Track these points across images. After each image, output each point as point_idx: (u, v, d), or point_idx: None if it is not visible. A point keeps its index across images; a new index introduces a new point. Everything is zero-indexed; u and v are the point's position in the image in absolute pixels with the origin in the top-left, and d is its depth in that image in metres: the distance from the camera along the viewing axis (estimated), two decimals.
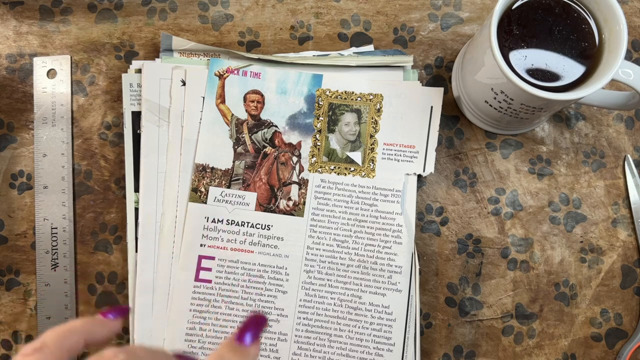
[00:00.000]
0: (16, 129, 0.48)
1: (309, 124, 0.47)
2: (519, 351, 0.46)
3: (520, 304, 0.46)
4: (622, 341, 0.47)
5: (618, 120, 0.48)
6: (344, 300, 0.45)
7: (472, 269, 0.47)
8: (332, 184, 0.46)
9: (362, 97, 0.47)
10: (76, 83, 0.48)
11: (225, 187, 0.46)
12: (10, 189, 0.47)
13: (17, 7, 0.49)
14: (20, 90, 0.48)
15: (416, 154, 0.46)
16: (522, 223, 0.47)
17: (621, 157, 0.48)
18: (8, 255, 0.47)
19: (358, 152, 0.46)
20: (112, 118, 0.48)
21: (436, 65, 0.48)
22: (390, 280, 0.45)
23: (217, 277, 0.45)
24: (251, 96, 0.47)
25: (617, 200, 0.47)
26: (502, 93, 0.40)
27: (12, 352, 0.46)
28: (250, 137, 0.47)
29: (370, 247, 0.45)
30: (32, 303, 0.47)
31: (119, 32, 0.49)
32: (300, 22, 0.49)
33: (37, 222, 0.47)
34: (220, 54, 0.47)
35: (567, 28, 0.40)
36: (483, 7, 0.49)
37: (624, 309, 0.47)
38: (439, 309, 0.46)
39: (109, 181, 0.47)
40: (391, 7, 0.49)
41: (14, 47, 0.48)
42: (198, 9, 0.49)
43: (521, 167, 0.48)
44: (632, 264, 0.47)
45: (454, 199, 0.47)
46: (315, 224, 0.46)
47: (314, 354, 0.45)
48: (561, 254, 0.47)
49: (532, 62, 0.40)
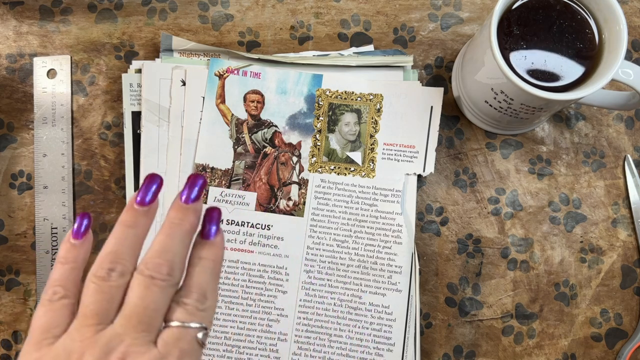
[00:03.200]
0: (16, 129, 0.48)
1: (309, 124, 0.47)
2: (519, 351, 0.46)
3: (520, 304, 0.46)
4: (622, 341, 0.47)
5: (618, 120, 0.48)
6: (344, 300, 0.45)
7: (472, 269, 0.47)
8: (332, 184, 0.46)
9: (362, 97, 0.47)
10: (76, 83, 0.48)
11: (225, 187, 0.46)
12: (10, 189, 0.47)
13: (17, 7, 0.49)
14: (20, 90, 0.48)
15: (416, 154, 0.46)
16: (522, 223, 0.47)
17: (621, 157, 0.48)
18: (8, 255, 0.47)
19: (358, 152, 0.46)
20: (112, 118, 0.48)
21: (436, 65, 0.48)
22: (390, 280, 0.45)
23: None
24: (251, 96, 0.47)
25: (617, 200, 0.47)
26: (502, 93, 0.40)
27: (12, 352, 0.46)
28: (250, 137, 0.47)
29: (370, 247, 0.45)
30: (32, 303, 0.47)
31: (119, 32, 0.49)
32: (300, 22, 0.49)
33: (37, 222, 0.47)
34: (220, 54, 0.47)
35: (567, 28, 0.40)
36: (483, 7, 0.49)
37: (624, 309, 0.47)
38: (439, 309, 0.46)
39: (109, 181, 0.47)
40: (391, 7, 0.49)
41: (14, 47, 0.48)
42: (198, 9, 0.49)
43: (521, 167, 0.48)
44: (632, 264, 0.47)
45: (454, 199, 0.47)
46: (315, 224, 0.46)
47: (314, 354, 0.45)
48: (561, 254, 0.47)
49: (532, 62, 0.40)
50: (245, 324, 0.45)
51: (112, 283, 0.28)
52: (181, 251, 0.29)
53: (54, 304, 0.28)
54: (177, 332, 0.27)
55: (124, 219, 0.29)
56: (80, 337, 0.26)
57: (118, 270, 0.28)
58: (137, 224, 0.29)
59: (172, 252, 0.28)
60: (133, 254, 0.29)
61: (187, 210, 0.29)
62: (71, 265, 0.29)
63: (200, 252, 0.30)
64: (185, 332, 0.27)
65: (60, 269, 0.29)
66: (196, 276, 0.29)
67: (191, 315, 0.28)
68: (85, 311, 0.27)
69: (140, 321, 0.27)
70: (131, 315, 0.27)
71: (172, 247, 0.29)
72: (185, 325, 0.27)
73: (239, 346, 0.44)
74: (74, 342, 0.26)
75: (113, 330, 0.27)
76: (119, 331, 0.27)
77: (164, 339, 0.27)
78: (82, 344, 0.26)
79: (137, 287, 0.28)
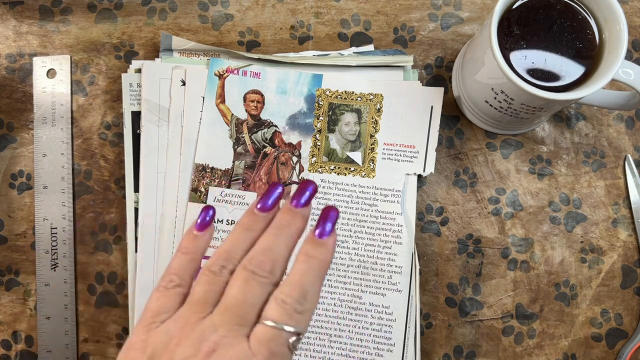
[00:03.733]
0: (16, 129, 0.48)
1: (309, 123, 0.47)
2: (519, 351, 0.46)
3: (521, 304, 0.46)
4: (623, 341, 0.47)
5: (618, 120, 0.48)
6: (344, 300, 0.45)
7: (473, 269, 0.47)
8: (332, 184, 0.46)
9: (362, 97, 0.47)
10: (76, 83, 0.48)
11: (225, 187, 0.46)
12: (10, 189, 0.47)
13: (17, 7, 0.49)
14: (20, 90, 0.48)
15: (416, 154, 0.46)
16: (522, 223, 0.47)
17: (621, 157, 0.48)
18: (8, 255, 0.47)
19: (358, 152, 0.46)
20: (112, 118, 0.48)
21: (436, 65, 0.48)
22: (390, 280, 0.45)
23: None
24: (251, 96, 0.47)
25: (617, 200, 0.47)
26: (503, 93, 0.40)
27: (11, 352, 0.46)
28: (250, 137, 0.46)
29: (370, 247, 0.45)
30: (31, 303, 0.47)
31: (119, 32, 0.49)
32: (300, 22, 0.49)
33: (36, 222, 0.47)
34: (220, 53, 0.47)
35: (568, 28, 0.40)
36: (483, 6, 0.49)
37: (624, 309, 0.47)
38: (439, 309, 0.46)
39: (108, 181, 0.47)
40: (391, 6, 0.49)
41: (14, 47, 0.48)
42: (198, 9, 0.49)
43: (521, 167, 0.47)
44: (632, 264, 0.47)
45: (454, 199, 0.47)
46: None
47: (314, 354, 0.45)
48: (561, 254, 0.47)
49: (532, 62, 0.40)
50: None
51: (222, 278, 0.29)
52: (285, 253, 0.29)
53: (168, 291, 0.29)
54: (270, 332, 0.27)
55: (243, 222, 0.30)
56: (183, 323, 0.28)
57: (229, 268, 0.29)
58: (254, 227, 0.30)
59: (277, 252, 0.29)
60: (245, 255, 0.30)
61: (296, 214, 0.30)
62: (191, 257, 0.31)
63: (310, 249, 0.29)
64: (279, 335, 0.27)
65: (180, 259, 0.31)
66: (301, 274, 0.29)
67: (288, 317, 0.27)
68: (192, 299, 0.29)
69: (236, 313, 0.27)
70: (228, 307, 0.28)
71: (276, 247, 0.29)
72: (279, 327, 0.27)
73: None
74: (175, 327, 0.28)
75: (211, 320, 0.27)
76: (215, 321, 0.27)
77: (256, 336, 0.27)
78: (182, 331, 0.27)
79: (238, 281, 0.28)
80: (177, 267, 0.30)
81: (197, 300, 0.28)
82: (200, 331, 0.27)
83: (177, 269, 0.30)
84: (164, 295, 0.29)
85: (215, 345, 0.26)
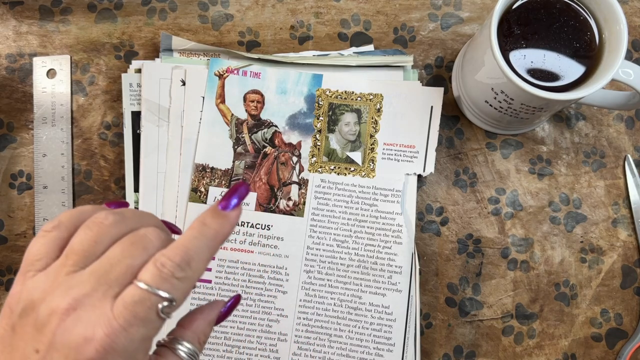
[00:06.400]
0: (16, 129, 0.48)
1: (309, 124, 0.47)
2: (519, 351, 0.46)
3: (521, 304, 0.46)
4: (622, 341, 0.47)
5: (618, 120, 0.48)
6: (344, 300, 0.45)
7: (472, 269, 0.47)
8: (332, 184, 0.46)
9: (362, 97, 0.47)
10: (76, 83, 0.48)
11: (225, 187, 0.46)
12: (10, 189, 0.47)
13: (17, 7, 0.49)
14: (20, 90, 0.48)
15: (416, 154, 0.46)
16: (522, 223, 0.47)
17: (621, 157, 0.48)
18: (8, 255, 0.47)
19: (358, 152, 0.46)
20: (112, 118, 0.48)
21: (436, 65, 0.48)
22: (390, 280, 0.45)
23: (217, 277, 0.45)
24: (251, 96, 0.47)
25: (617, 200, 0.47)
26: (503, 93, 0.40)
27: None
28: (250, 137, 0.46)
29: (370, 247, 0.45)
30: None
31: (119, 32, 0.49)
32: (300, 22, 0.49)
33: (36, 222, 0.47)
34: (220, 53, 0.47)
35: (568, 28, 0.40)
36: (483, 6, 0.49)
37: (624, 309, 0.47)
38: (439, 309, 0.46)
39: (108, 181, 0.47)
40: (391, 6, 0.49)
41: (14, 47, 0.48)
42: (198, 9, 0.49)
43: (521, 167, 0.47)
44: (632, 264, 0.47)
45: (454, 199, 0.47)
46: (315, 224, 0.46)
47: (314, 354, 0.45)
48: (561, 254, 0.47)
49: (532, 61, 0.40)
50: (245, 324, 0.45)
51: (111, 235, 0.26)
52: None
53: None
54: (139, 294, 0.24)
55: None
56: (54, 275, 0.25)
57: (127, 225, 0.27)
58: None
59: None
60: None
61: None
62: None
63: (207, 218, 0.27)
64: (147, 297, 0.24)
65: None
66: (189, 239, 0.26)
67: (162, 280, 0.25)
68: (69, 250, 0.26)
69: (108, 271, 0.25)
70: (104, 264, 0.25)
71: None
72: (151, 290, 0.24)
73: (238, 346, 0.44)
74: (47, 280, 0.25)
75: (80, 275, 0.25)
76: (84, 278, 0.25)
77: (123, 298, 0.24)
78: (53, 284, 0.25)
79: (124, 243, 0.26)
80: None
81: (73, 251, 0.25)
82: (67, 286, 0.24)
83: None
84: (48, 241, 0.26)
85: (77, 303, 0.24)
